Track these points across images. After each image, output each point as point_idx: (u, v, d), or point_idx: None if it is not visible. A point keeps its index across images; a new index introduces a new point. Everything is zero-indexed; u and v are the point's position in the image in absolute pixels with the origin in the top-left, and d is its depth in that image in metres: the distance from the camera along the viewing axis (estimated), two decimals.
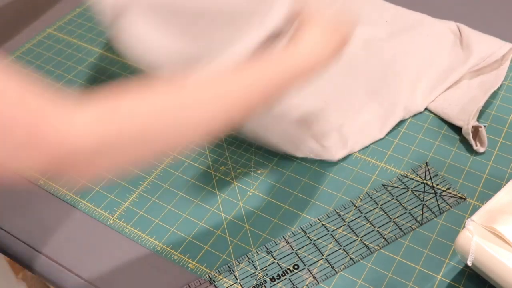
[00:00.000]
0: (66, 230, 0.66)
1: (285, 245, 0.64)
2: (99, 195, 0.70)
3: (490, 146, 0.73)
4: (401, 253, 0.63)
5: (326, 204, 0.68)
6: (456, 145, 0.73)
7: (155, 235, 0.65)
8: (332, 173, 0.71)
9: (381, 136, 0.74)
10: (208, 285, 0.61)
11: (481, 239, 0.55)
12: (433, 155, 0.72)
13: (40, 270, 0.65)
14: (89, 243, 0.65)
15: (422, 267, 0.62)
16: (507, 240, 0.54)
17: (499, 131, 0.75)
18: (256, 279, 0.61)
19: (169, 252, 0.64)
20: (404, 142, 0.74)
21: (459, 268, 0.61)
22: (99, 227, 0.67)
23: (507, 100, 0.79)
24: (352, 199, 0.68)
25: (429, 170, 0.70)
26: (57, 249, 0.65)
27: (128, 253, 0.64)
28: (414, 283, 0.60)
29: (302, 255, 0.63)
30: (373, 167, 0.71)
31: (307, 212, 0.67)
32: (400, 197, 0.68)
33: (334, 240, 0.64)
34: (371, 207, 0.67)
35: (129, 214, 0.68)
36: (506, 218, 0.55)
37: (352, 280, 0.61)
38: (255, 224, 0.66)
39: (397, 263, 0.62)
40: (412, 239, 0.64)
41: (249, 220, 0.67)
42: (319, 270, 0.62)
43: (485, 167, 0.71)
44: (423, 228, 0.65)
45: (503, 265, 0.53)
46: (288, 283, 0.61)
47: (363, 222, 0.65)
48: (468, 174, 0.70)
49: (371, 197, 0.68)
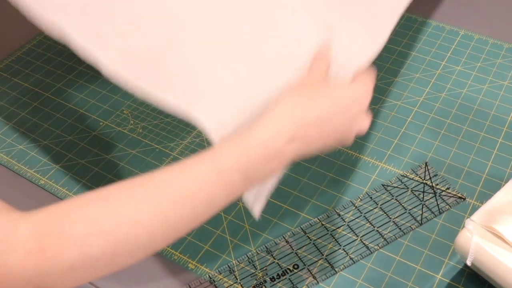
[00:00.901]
0: None
1: (285, 245, 0.64)
2: None
3: (490, 146, 0.73)
4: (400, 253, 0.63)
5: (326, 204, 0.68)
6: (456, 145, 0.73)
7: None
8: (332, 173, 0.71)
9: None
10: (208, 285, 0.61)
11: (481, 239, 0.55)
12: (432, 155, 0.72)
13: None
14: None
15: (421, 267, 0.62)
16: (506, 240, 0.54)
17: (499, 131, 0.75)
18: (256, 279, 0.61)
19: (169, 252, 0.64)
20: (404, 142, 0.74)
21: (459, 268, 0.61)
22: None
23: (507, 100, 0.79)
24: (351, 199, 0.68)
25: (429, 170, 0.70)
26: None
27: None
28: (414, 283, 0.60)
29: (302, 255, 0.63)
30: (373, 167, 0.71)
31: (307, 212, 0.67)
32: (400, 197, 0.68)
33: (334, 240, 0.64)
34: (371, 207, 0.67)
35: None
36: (506, 218, 0.55)
37: (352, 280, 0.61)
38: (255, 224, 0.66)
39: (397, 263, 0.62)
40: (412, 239, 0.64)
41: (249, 220, 0.67)
42: (319, 269, 0.62)
43: (485, 167, 0.71)
44: (423, 228, 0.65)
45: (502, 265, 0.53)
46: (288, 282, 0.61)
47: (363, 222, 0.65)
48: (467, 174, 0.70)
49: (371, 197, 0.68)
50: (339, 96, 0.49)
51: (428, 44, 0.88)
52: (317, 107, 0.47)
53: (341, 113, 0.48)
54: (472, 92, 0.80)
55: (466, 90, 0.81)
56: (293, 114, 0.46)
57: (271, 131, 0.45)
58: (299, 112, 0.47)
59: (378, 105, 0.79)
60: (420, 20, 0.92)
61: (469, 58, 0.86)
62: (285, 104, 0.47)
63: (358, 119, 0.50)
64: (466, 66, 0.84)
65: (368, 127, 0.52)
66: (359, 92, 0.50)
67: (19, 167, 0.73)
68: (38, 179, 0.72)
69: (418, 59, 0.86)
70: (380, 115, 0.78)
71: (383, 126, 0.76)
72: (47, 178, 0.72)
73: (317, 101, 0.48)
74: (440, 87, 0.82)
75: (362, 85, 0.51)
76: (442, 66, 0.85)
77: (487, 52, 0.86)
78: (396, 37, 0.90)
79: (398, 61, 0.86)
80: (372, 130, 0.76)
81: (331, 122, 0.48)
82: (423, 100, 0.80)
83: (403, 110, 0.79)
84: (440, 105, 0.79)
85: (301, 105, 0.47)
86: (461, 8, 0.95)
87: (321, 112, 0.47)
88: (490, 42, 0.88)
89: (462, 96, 0.80)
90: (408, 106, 0.79)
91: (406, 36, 0.90)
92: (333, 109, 0.48)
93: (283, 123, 0.46)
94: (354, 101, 0.49)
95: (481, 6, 0.95)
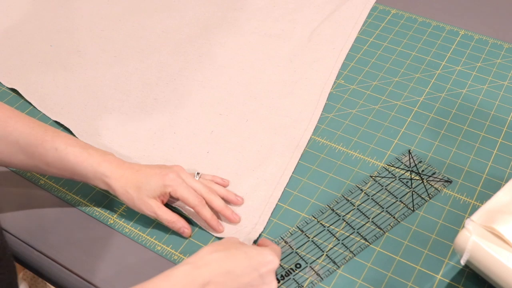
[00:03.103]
0: (66, 230, 0.66)
1: (284, 245, 0.64)
2: (99, 195, 0.70)
3: (490, 146, 0.73)
4: (400, 252, 0.63)
5: (320, 202, 0.68)
6: (456, 145, 0.73)
7: (155, 235, 0.65)
8: (332, 173, 0.71)
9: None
10: None
11: (481, 238, 0.55)
12: (432, 155, 0.72)
13: (40, 270, 0.65)
14: (89, 243, 0.65)
15: (421, 266, 0.62)
16: (506, 240, 0.54)
17: (499, 131, 0.75)
18: None
19: (169, 252, 0.64)
20: (404, 142, 0.74)
21: (459, 268, 0.61)
22: (99, 227, 0.67)
23: (507, 100, 0.79)
24: (343, 194, 0.68)
25: (413, 158, 0.72)
26: (57, 249, 0.65)
27: (128, 253, 0.64)
28: (414, 282, 0.60)
29: (301, 254, 0.63)
30: (373, 167, 0.71)
31: (302, 210, 0.67)
32: (389, 186, 0.69)
33: (332, 235, 0.64)
34: (363, 199, 0.68)
35: (129, 214, 0.68)
36: (506, 218, 0.55)
37: (352, 280, 0.61)
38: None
39: (397, 263, 0.62)
40: (412, 238, 0.64)
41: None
42: (321, 266, 0.62)
43: (485, 167, 0.71)
44: (423, 228, 0.65)
45: (502, 264, 0.53)
46: (293, 283, 0.61)
47: (357, 214, 0.66)
48: (467, 174, 0.70)
49: (361, 189, 0.69)
50: (255, 254, 0.56)
51: (428, 44, 0.88)
52: (234, 259, 0.54)
53: (255, 269, 0.55)
54: (472, 92, 0.80)
55: (466, 90, 0.81)
56: (211, 262, 0.54)
57: (188, 275, 0.52)
58: (216, 262, 0.54)
59: (378, 105, 0.79)
60: (420, 20, 0.92)
61: (469, 58, 0.86)
62: (205, 253, 0.54)
63: (270, 277, 0.56)
64: (466, 66, 0.84)
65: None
66: (271, 255, 0.56)
67: None
68: (38, 179, 0.72)
69: (418, 59, 0.86)
70: (380, 115, 0.78)
71: (383, 126, 0.76)
72: (47, 178, 0.72)
73: (235, 254, 0.55)
74: (440, 87, 0.81)
75: (273, 250, 0.58)
76: (442, 66, 0.85)
77: (487, 52, 0.86)
78: (396, 37, 0.90)
79: (398, 61, 0.86)
80: (373, 130, 0.76)
81: (244, 275, 0.54)
82: (423, 100, 0.80)
83: (403, 110, 0.79)
84: (440, 105, 0.79)
85: (220, 256, 0.54)
86: (461, 8, 0.95)
87: (237, 263, 0.54)
88: (490, 42, 0.88)
89: (462, 96, 0.80)
90: (408, 106, 0.79)
91: (406, 36, 0.90)
92: (248, 262, 0.55)
93: (200, 269, 0.53)
94: (267, 261, 0.55)
95: (481, 6, 0.95)
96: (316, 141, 0.75)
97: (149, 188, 0.62)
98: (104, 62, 0.86)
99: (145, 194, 0.62)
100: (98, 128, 0.76)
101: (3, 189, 0.71)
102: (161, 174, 0.63)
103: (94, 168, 0.62)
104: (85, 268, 0.63)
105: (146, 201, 0.62)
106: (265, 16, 0.94)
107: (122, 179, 0.62)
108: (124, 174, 0.63)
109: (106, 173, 0.62)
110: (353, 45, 0.89)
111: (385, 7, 0.95)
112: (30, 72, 0.85)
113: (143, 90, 0.82)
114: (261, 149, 0.74)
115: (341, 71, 0.85)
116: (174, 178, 0.63)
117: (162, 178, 0.63)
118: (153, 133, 0.76)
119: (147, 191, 0.62)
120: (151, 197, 0.63)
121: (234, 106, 0.79)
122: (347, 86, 0.82)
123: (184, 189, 0.63)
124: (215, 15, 0.94)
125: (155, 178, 0.63)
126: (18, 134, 0.63)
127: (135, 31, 0.91)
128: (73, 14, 0.95)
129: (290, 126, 0.76)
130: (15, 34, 0.91)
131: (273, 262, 0.56)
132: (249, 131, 0.76)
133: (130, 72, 0.84)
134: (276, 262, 0.56)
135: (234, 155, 0.73)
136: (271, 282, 0.56)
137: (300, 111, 0.78)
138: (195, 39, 0.90)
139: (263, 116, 0.78)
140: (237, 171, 0.71)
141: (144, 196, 0.62)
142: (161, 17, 0.94)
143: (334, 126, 0.77)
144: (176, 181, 0.63)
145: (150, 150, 0.74)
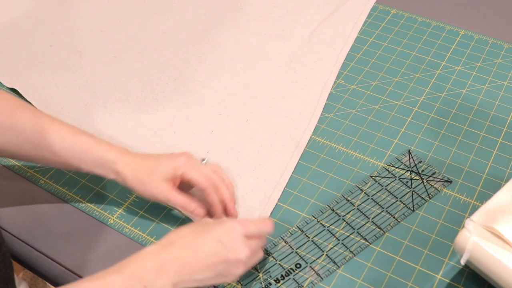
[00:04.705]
0: (66, 230, 0.66)
1: (284, 245, 0.64)
2: (99, 195, 0.70)
3: (490, 146, 0.73)
4: (401, 252, 0.63)
5: (320, 202, 0.68)
6: (456, 145, 0.73)
7: (155, 235, 0.65)
8: (332, 173, 0.71)
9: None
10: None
11: (481, 238, 0.55)
12: (432, 155, 0.72)
13: (40, 270, 0.65)
14: (89, 243, 0.65)
15: (421, 266, 0.62)
16: (506, 239, 0.54)
17: (499, 131, 0.75)
18: (260, 282, 0.61)
19: None
20: (404, 142, 0.74)
21: (459, 267, 0.61)
22: (99, 227, 0.67)
23: (507, 100, 0.79)
24: (343, 194, 0.68)
25: (413, 158, 0.71)
26: (57, 249, 0.65)
27: (129, 253, 0.64)
28: (414, 282, 0.60)
29: (301, 254, 0.63)
30: (373, 167, 0.71)
31: (302, 210, 0.67)
32: (389, 186, 0.69)
33: (332, 235, 0.64)
34: (363, 199, 0.68)
35: (129, 214, 0.68)
36: (506, 218, 0.55)
37: (352, 280, 0.61)
38: None
39: (397, 263, 0.62)
40: (412, 238, 0.64)
41: None
42: (321, 266, 0.62)
43: (485, 167, 0.71)
44: (423, 228, 0.65)
45: (502, 264, 0.53)
46: (293, 283, 0.61)
47: (357, 215, 0.66)
48: (467, 174, 0.70)
49: (361, 189, 0.69)
50: (214, 224, 0.57)
51: (428, 44, 0.88)
52: (198, 236, 0.55)
53: (215, 238, 0.55)
54: (472, 92, 0.80)
55: (466, 90, 0.81)
56: (176, 241, 0.55)
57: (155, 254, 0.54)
58: (180, 239, 0.55)
59: (378, 105, 0.79)
60: (420, 20, 0.92)
61: (469, 58, 0.86)
62: (174, 236, 0.55)
63: (235, 243, 0.56)
64: (466, 66, 0.84)
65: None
66: (233, 223, 0.57)
67: (19, 167, 0.73)
68: (38, 179, 0.72)
69: (418, 59, 0.86)
70: (380, 115, 0.78)
71: (383, 126, 0.76)
72: (47, 178, 0.72)
73: (199, 231, 0.56)
74: (440, 87, 0.82)
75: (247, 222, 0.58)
76: (442, 66, 0.85)
77: (487, 52, 0.86)
78: (396, 37, 0.90)
79: (398, 61, 0.86)
80: (372, 130, 0.76)
81: (205, 245, 0.55)
82: (423, 100, 0.80)
83: (403, 110, 0.79)
84: (440, 105, 0.79)
85: (184, 233, 0.56)
86: (461, 8, 0.95)
87: (200, 239, 0.55)
88: (490, 42, 0.88)
89: (462, 96, 0.80)
90: (408, 106, 0.79)
91: (406, 36, 0.90)
92: (208, 233, 0.56)
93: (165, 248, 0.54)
94: (227, 228, 0.56)
95: (481, 6, 0.95)
96: (316, 141, 0.75)
97: (160, 171, 0.61)
98: (104, 62, 0.86)
99: (156, 177, 0.61)
100: (98, 128, 0.76)
101: (3, 189, 0.71)
102: (172, 158, 0.62)
103: (102, 154, 0.62)
104: (85, 268, 0.63)
105: (158, 184, 0.61)
106: (265, 17, 0.94)
107: (131, 165, 0.62)
108: (134, 160, 0.62)
109: (114, 159, 0.62)
110: (353, 45, 0.89)
111: (385, 7, 0.95)
112: (30, 72, 0.85)
113: (143, 90, 0.82)
114: (261, 149, 0.74)
115: (341, 71, 0.85)
116: (185, 160, 0.62)
117: (173, 161, 0.61)
118: (153, 133, 0.76)
119: (158, 174, 0.61)
120: (163, 180, 0.61)
121: (234, 106, 0.79)
122: (347, 86, 0.82)
123: (196, 171, 0.62)
124: (215, 15, 0.94)
125: (165, 161, 0.62)
126: (25, 123, 0.62)
127: (135, 31, 0.91)
128: (73, 14, 0.95)
129: (290, 126, 0.76)
130: (15, 34, 0.91)
131: (234, 228, 0.55)
132: (249, 131, 0.76)
133: (130, 72, 0.84)
134: (238, 228, 0.56)
135: (234, 155, 0.73)
136: (239, 248, 0.55)
137: (300, 111, 0.78)
138: (195, 39, 0.90)
139: (263, 116, 0.78)
140: (237, 171, 0.71)
141: (155, 180, 0.61)
142: (161, 18, 0.94)
143: (334, 126, 0.77)
144: (187, 163, 0.62)
145: (150, 150, 0.74)
